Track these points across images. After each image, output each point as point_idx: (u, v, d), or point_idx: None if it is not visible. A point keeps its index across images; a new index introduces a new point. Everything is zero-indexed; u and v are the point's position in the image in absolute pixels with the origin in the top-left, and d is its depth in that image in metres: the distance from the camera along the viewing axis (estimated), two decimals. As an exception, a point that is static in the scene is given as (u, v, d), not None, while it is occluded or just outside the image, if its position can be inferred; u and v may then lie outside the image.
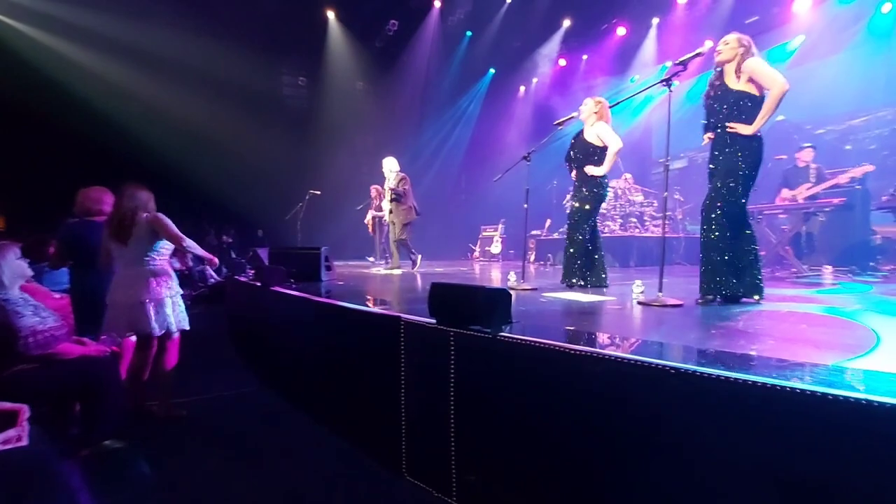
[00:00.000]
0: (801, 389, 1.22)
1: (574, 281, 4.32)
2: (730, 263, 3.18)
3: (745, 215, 3.24)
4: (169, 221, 3.20)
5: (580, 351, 1.72)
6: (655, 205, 8.97)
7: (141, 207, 3.17)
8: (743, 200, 3.18)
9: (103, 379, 2.57)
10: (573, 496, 1.74)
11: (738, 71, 3.18)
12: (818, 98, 7.77)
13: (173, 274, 3.36)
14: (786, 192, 6.14)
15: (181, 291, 3.41)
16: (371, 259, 8.96)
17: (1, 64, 8.88)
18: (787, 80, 3.04)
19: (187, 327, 3.35)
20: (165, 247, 3.30)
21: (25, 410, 1.47)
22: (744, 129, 3.11)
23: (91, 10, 8.99)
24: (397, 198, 6.79)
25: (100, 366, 2.61)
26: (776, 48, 8.52)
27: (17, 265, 2.56)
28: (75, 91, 9.39)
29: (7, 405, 1.47)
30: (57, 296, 3.90)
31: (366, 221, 8.97)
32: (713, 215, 3.21)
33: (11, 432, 1.40)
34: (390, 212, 6.93)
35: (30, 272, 2.74)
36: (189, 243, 3.25)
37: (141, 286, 3.12)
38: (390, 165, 7.04)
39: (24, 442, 1.41)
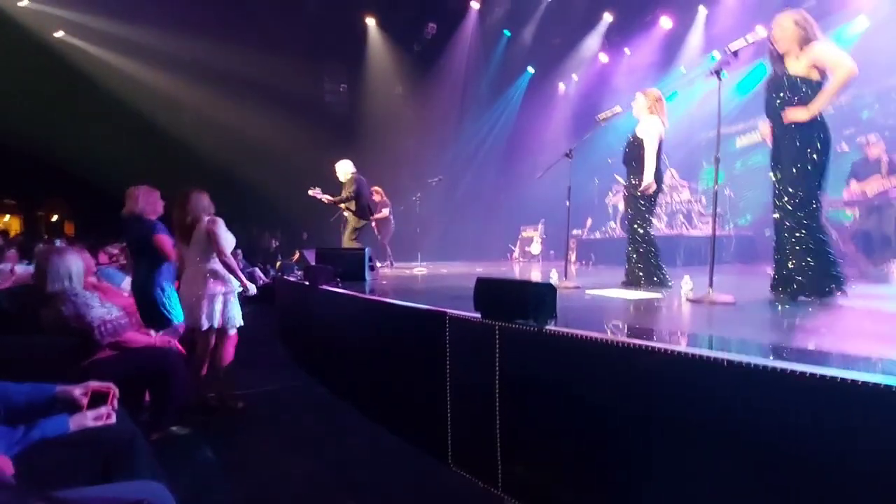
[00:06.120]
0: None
1: (631, 279, 4.16)
2: (800, 258, 2.98)
3: (815, 206, 3.00)
4: (221, 234, 3.36)
5: (627, 343, 1.71)
6: (703, 201, 8.66)
7: (205, 211, 3.42)
8: (811, 189, 2.97)
9: (169, 368, 2.77)
10: (619, 489, 1.73)
11: (799, 54, 2.99)
12: (882, 84, 7.27)
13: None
14: (854, 186, 5.75)
15: (236, 290, 3.58)
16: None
17: (70, 81, 9.63)
18: (854, 63, 2.79)
19: (238, 325, 3.51)
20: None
21: (115, 389, 1.61)
22: (800, 115, 2.92)
23: (145, 29, 9.60)
24: (349, 207, 6.90)
25: (167, 355, 2.83)
26: (835, 33, 8.02)
27: (79, 264, 2.78)
28: (134, 103, 10.07)
29: (97, 384, 1.62)
30: (126, 294, 4.19)
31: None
32: (780, 207, 3.05)
33: (103, 409, 1.55)
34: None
35: (93, 268, 2.99)
36: (228, 260, 3.39)
37: (199, 282, 3.33)
38: (344, 168, 6.99)
39: (113, 420, 1.55)
